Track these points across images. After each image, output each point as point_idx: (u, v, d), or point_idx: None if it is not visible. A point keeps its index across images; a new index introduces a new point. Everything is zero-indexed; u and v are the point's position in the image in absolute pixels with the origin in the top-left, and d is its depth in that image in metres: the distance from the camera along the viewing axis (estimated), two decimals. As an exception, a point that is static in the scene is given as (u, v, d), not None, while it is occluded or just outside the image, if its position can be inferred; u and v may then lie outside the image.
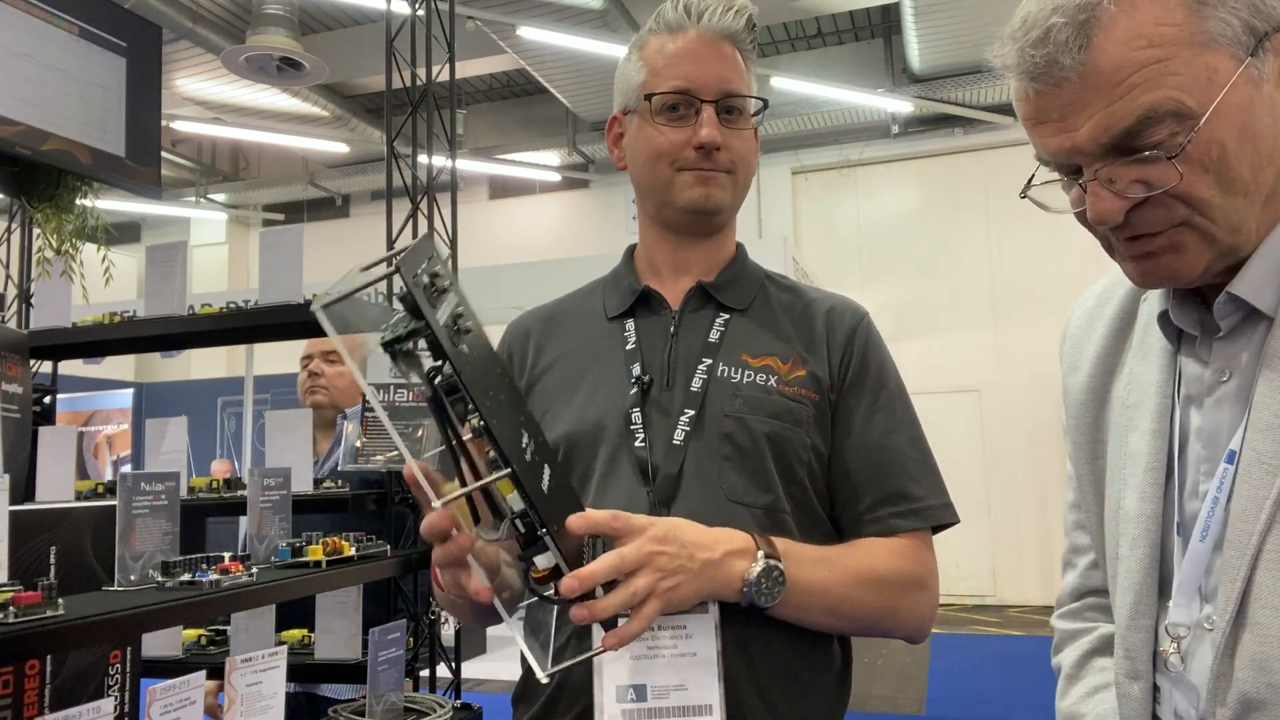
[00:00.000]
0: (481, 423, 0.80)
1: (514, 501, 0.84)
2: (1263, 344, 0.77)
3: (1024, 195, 0.83)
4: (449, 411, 0.82)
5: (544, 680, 0.93)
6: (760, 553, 1.04)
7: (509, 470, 0.82)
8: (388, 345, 0.78)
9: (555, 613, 1.08)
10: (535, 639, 1.02)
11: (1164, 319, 0.87)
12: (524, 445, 0.87)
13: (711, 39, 1.21)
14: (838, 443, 1.19)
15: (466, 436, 0.84)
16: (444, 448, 0.87)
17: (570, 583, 0.88)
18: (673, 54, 1.21)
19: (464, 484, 0.85)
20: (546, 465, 0.91)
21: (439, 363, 0.80)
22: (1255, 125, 0.73)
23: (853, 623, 1.14)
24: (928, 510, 1.16)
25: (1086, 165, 0.77)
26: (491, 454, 0.82)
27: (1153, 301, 0.90)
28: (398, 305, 0.79)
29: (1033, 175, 0.82)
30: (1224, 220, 0.74)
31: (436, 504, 0.86)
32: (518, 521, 0.85)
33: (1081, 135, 0.76)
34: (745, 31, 1.23)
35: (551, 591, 0.89)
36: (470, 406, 0.80)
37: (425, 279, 0.79)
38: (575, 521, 0.92)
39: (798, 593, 1.05)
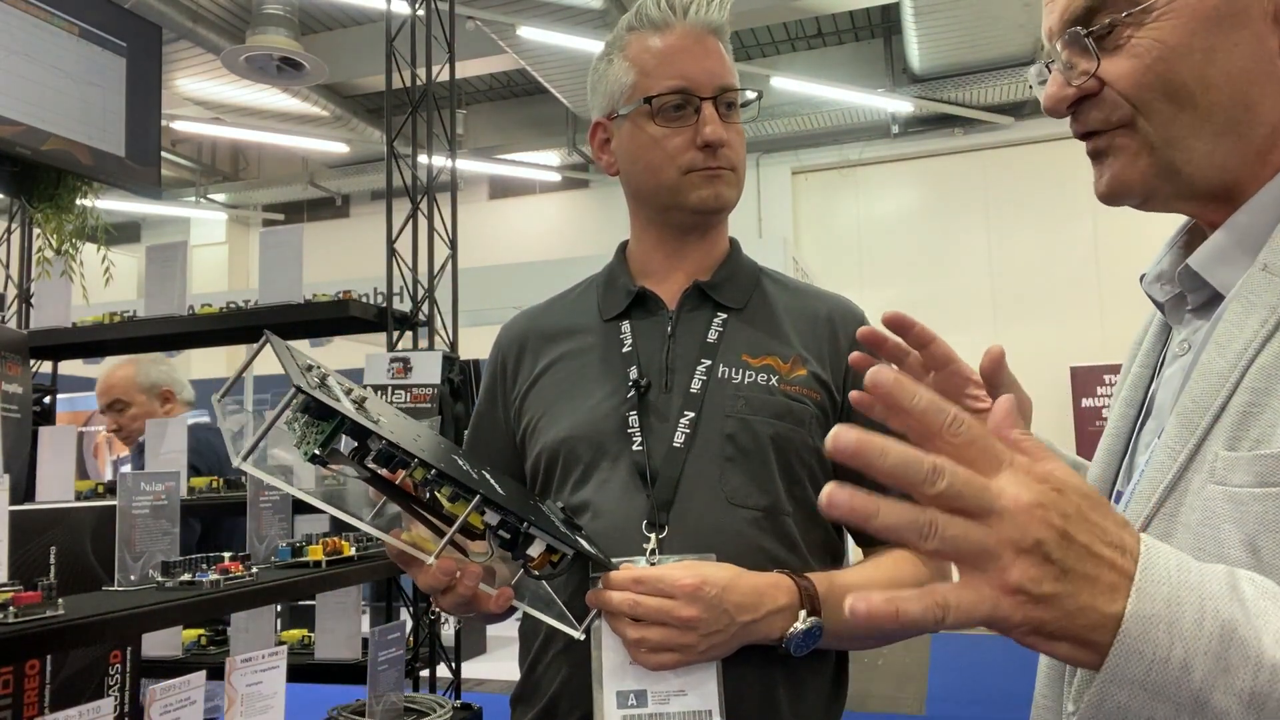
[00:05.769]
0: (431, 471, 0.88)
1: (490, 518, 0.92)
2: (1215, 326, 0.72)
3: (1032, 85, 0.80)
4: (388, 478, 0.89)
5: (581, 638, 1.02)
6: (804, 611, 1.05)
7: (478, 497, 0.89)
8: (318, 455, 0.84)
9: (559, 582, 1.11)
10: (549, 611, 1.05)
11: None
12: (465, 469, 0.94)
13: (700, 33, 1.18)
14: None
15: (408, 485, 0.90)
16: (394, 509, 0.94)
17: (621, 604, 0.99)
18: (663, 51, 1.18)
19: (439, 532, 0.92)
20: (484, 471, 0.98)
21: (359, 442, 0.86)
22: (1220, 42, 0.68)
23: (884, 640, 1.16)
24: None
25: (1058, 47, 0.75)
26: (447, 490, 0.89)
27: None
28: (284, 425, 0.85)
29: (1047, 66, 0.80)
30: (1161, 128, 0.70)
31: (431, 560, 0.93)
32: (501, 532, 0.93)
33: (1055, 12, 0.75)
34: (728, 25, 1.21)
35: (550, 568, 0.97)
36: (415, 463, 0.87)
37: (315, 380, 0.85)
38: (619, 585, 1.00)
39: (832, 633, 1.06)
